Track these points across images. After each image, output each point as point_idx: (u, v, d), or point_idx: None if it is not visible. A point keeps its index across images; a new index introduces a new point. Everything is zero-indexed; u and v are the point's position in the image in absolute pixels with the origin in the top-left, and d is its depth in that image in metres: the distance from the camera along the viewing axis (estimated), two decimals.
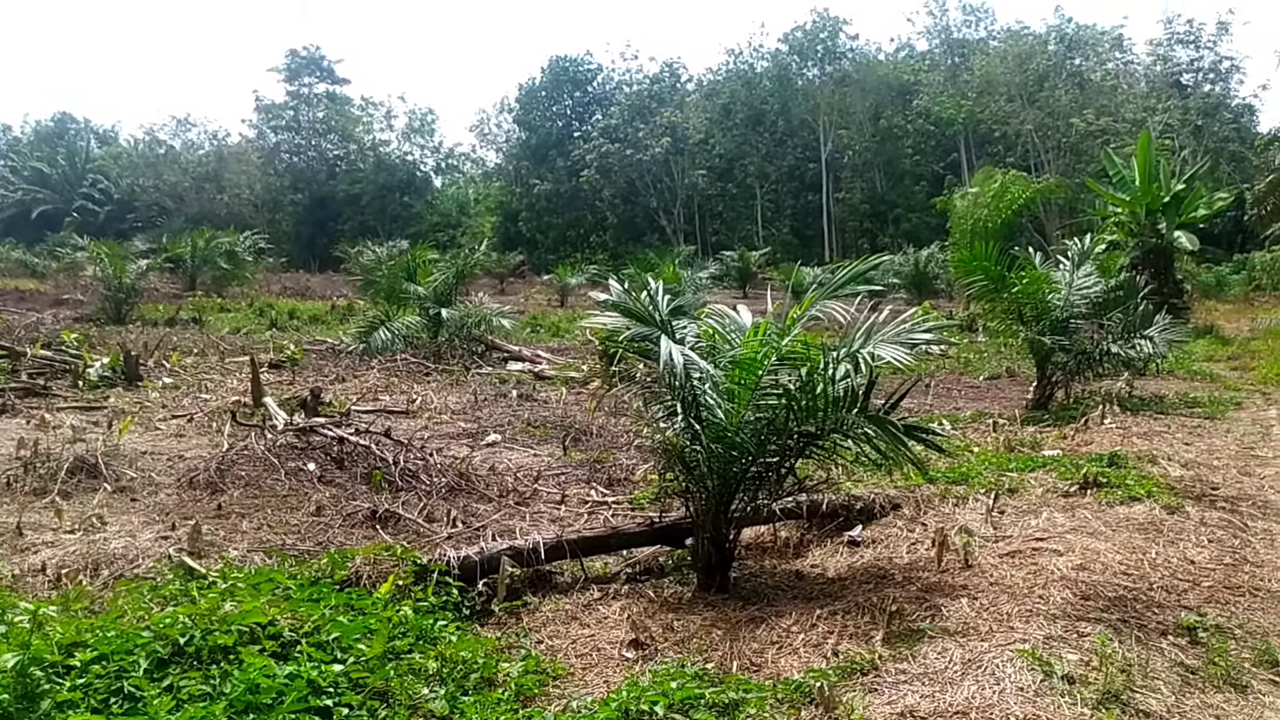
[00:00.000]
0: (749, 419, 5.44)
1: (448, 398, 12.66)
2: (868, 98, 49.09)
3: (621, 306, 5.61)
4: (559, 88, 58.03)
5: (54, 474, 7.78)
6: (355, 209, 58.40)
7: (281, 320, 23.60)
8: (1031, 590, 4.94)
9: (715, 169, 52.04)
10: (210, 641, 3.74)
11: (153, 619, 3.90)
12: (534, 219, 55.54)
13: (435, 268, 18.86)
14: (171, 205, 61.62)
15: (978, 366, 16.46)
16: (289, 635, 3.99)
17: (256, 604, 4.14)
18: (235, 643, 3.78)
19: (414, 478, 7.92)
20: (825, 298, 5.59)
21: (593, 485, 8.19)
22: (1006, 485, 7.37)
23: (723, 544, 5.67)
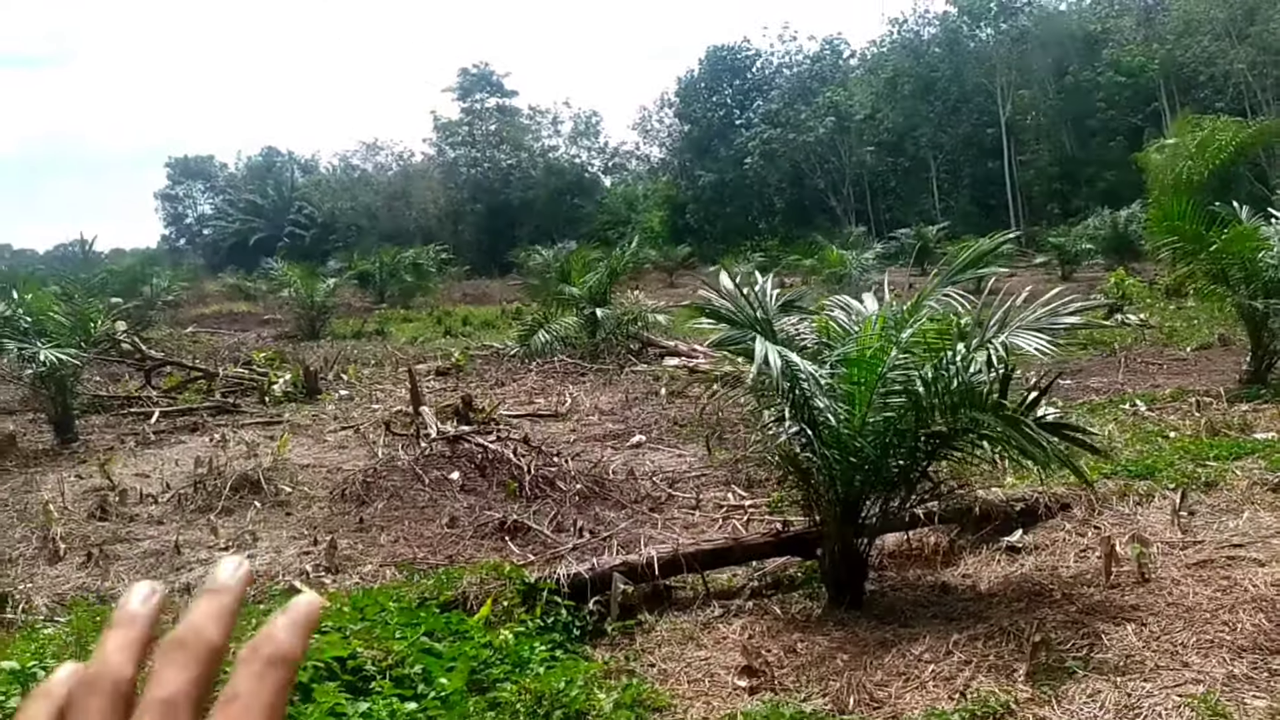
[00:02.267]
0: (870, 420, 4.90)
1: (599, 398, 12.54)
2: (1049, 53, 45.63)
3: (708, 309, 5.18)
4: (718, 78, 57.42)
5: (219, 491, 8.13)
6: (530, 214, 60.02)
7: (456, 327, 24.35)
8: (1216, 614, 4.17)
9: (884, 144, 49.97)
10: None
11: None
12: (700, 210, 55.23)
13: (593, 268, 18.85)
14: (366, 224, 65.31)
15: (1184, 336, 14.80)
16: (370, 669, 3.84)
17: (335, 638, 4.02)
18: (310, 679, 3.65)
19: (549, 485, 7.77)
20: (948, 283, 4.96)
21: (731, 488, 7.78)
22: (1202, 478, 6.43)
23: (853, 555, 5.15)
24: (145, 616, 0.47)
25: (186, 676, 0.43)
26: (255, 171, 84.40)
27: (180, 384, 14.65)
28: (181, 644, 0.44)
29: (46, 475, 9.29)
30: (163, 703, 0.42)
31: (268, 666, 0.43)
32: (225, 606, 0.46)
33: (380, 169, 71.69)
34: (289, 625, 0.45)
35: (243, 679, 0.43)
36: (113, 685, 0.44)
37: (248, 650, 0.44)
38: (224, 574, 0.47)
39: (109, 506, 7.88)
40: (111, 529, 7.41)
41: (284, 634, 0.44)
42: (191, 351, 19.02)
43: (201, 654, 0.44)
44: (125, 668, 0.45)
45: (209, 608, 0.45)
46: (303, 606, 0.46)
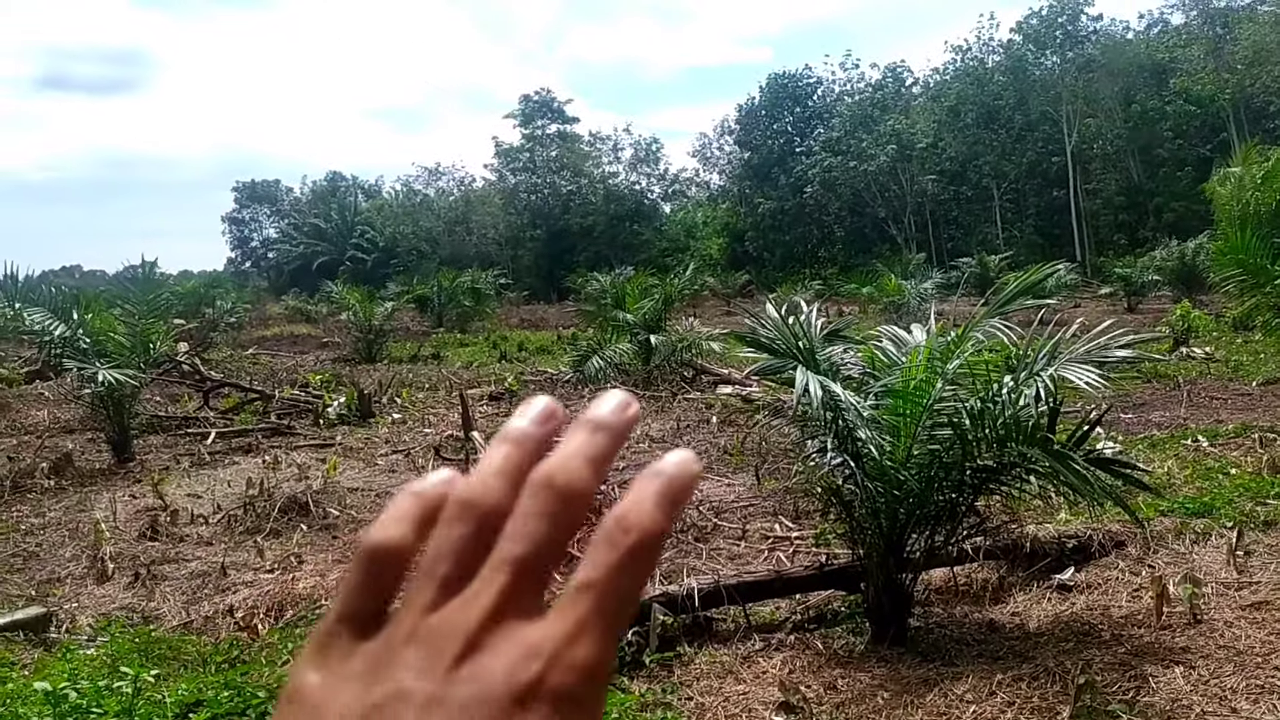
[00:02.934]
0: (915, 453, 4.84)
1: (650, 425, 12.54)
2: (1116, 81, 44.91)
3: (749, 337, 5.17)
4: (778, 105, 57.51)
5: (268, 513, 8.27)
6: (589, 240, 60.41)
7: (511, 352, 24.56)
8: (1269, 658, 4.03)
9: (946, 172, 49.49)
10: None
11: (271, 677, 3.90)
12: (759, 237, 55.19)
13: (649, 294, 18.92)
14: (427, 249, 66.32)
15: (1251, 370, 14.35)
16: None
17: None
18: None
19: (594, 513, 7.75)
20: (995, 314, 4.89)
21: (779, 519, 7.72)
22: (1262, 517, 6.23)
23: (897, 590, 5.07)
24: (540, 439, 0.41)
25: (549, 533, 0.38)
26: (320, 196, 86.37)
27: (237, 405, 14.97)
28: (549, 484, 0.38)
29: (101, 494, 9.47)
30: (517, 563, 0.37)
31: (632, 554, 0.37)
32: (602, 452, 0.40)
33: (442, 194, 72.91)
34: (661, 497, 0.38)
35: (600, 564, 0.37)
36: (483, 516, 0.39)
37: (612, 525, 0.38)
38: (607, 409, 0.41)
39: (160, 526, 7.99)
40: (161, 549, 7.53)
41: (655, 509, 0.38)
42: (250, 373, 19.44)
43: (572, 504, 0.39)
44: (504, 499, 0.39)
45: (587, 447, 0.39)
46: (677, 470, 0.39)
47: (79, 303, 11.88)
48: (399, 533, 0.40)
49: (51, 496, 9.56)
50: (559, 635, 0.36)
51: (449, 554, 0.38)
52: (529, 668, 0.35)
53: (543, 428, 0.41)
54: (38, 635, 5.60)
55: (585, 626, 0.36)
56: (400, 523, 0.41)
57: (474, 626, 0.36)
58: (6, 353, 18.20)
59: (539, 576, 0.38)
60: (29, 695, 3.72)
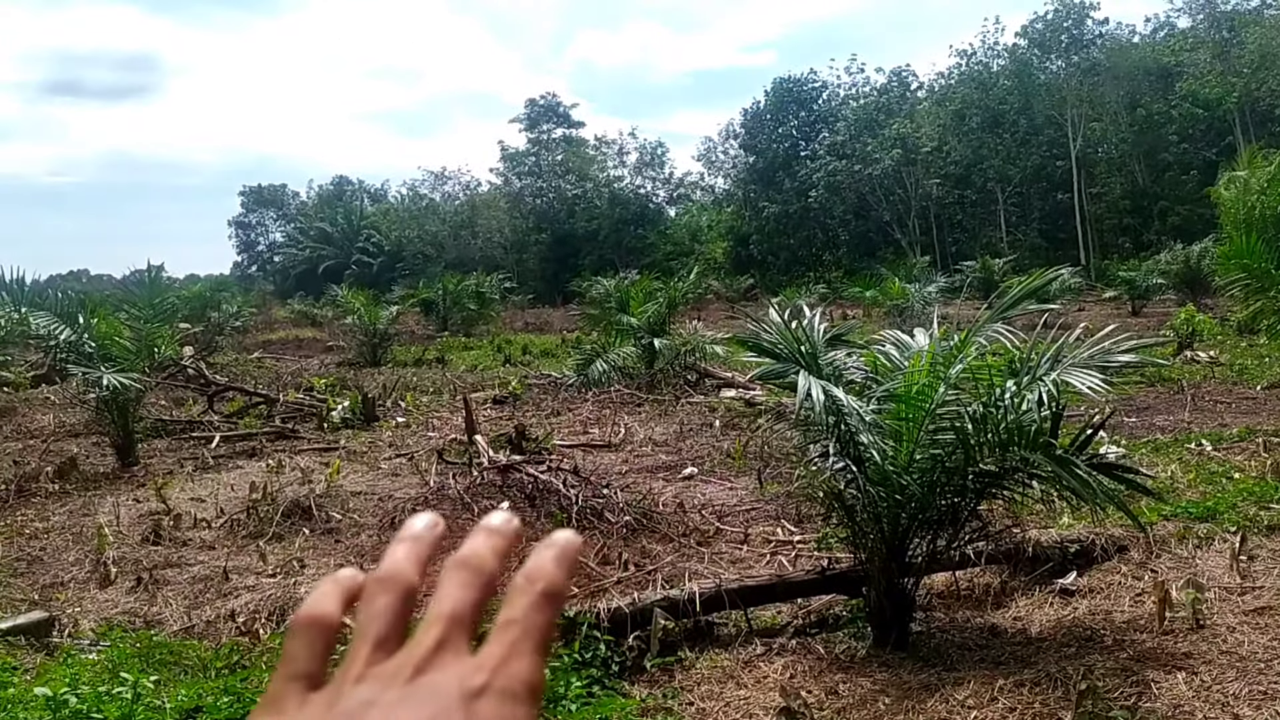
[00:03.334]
0: (917, 458, 4.84)
1: (653, 429, 12.54)
2: (1121, 86, 44.81)
3: (751, 342, 5.17)
4: (783, 109, 57.46)
5: (271, 517, 8.27)
6: (593, 244, 60.49)
7: (515, 355, 24.57)
8: (1271, 664, 4.02)
9: (951, 176, 49.42)
10: None
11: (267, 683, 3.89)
12: (764, 241, 55.17)
13: (653, 298, 18.91)
14: (433, 253, 66.35)
15: (1255, 374, 14.31)
16: None
17: None
18: None
19: (597, 516, 7.78)
20: (998, 318, 4.89)
21: (781, 522, 7.71)
22: (1265, 522, 6.21)
23: (898, 595, 5.07)
24: (430, 538, 0.50)
25: (469, 596, 0.46)
26: (326, 200, 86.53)
27: (241, 409, 14.99)
28: (465, 565, 0.47)
29: (104, 499, 9.46)
30: (447, 617, 0.45)
31: (542, 598, 0.46)
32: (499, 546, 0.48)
33: (447, 198, 72.96)
34: (557, 559, 0.47)
35: (519, 607, 0.45)
36: (402, 587, 0.47)
37: (522, 580, 0.46)
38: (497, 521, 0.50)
39: (163, 531, 7.98)
40: (163, 553, 7.51)
41: (554, 567, 0.47)
42: (255, 377, 19.46)
43: (483, 578, 0.47)
44: (413, 575, 0.48)
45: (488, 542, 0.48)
46: (565, 542, 0.49)
47: (85, 307, 11.88)
48: (327, 606, 0.48)
49: (55, 500, 9.56)
50: (496, 655, 0.44)
51: (378, 616, 0.47)
52: (476, 677, 0.43)
53: (432, 531, 0.51)
54: (40, 640, 5.59)
55: (516, 649, 0.44)
56: (326, 598, 0.49)
57: (420, 660, 0.44)
58: (12, 357, 18.25)
59: (467, 628, 0.46)
60: (29, 700, 3.72)
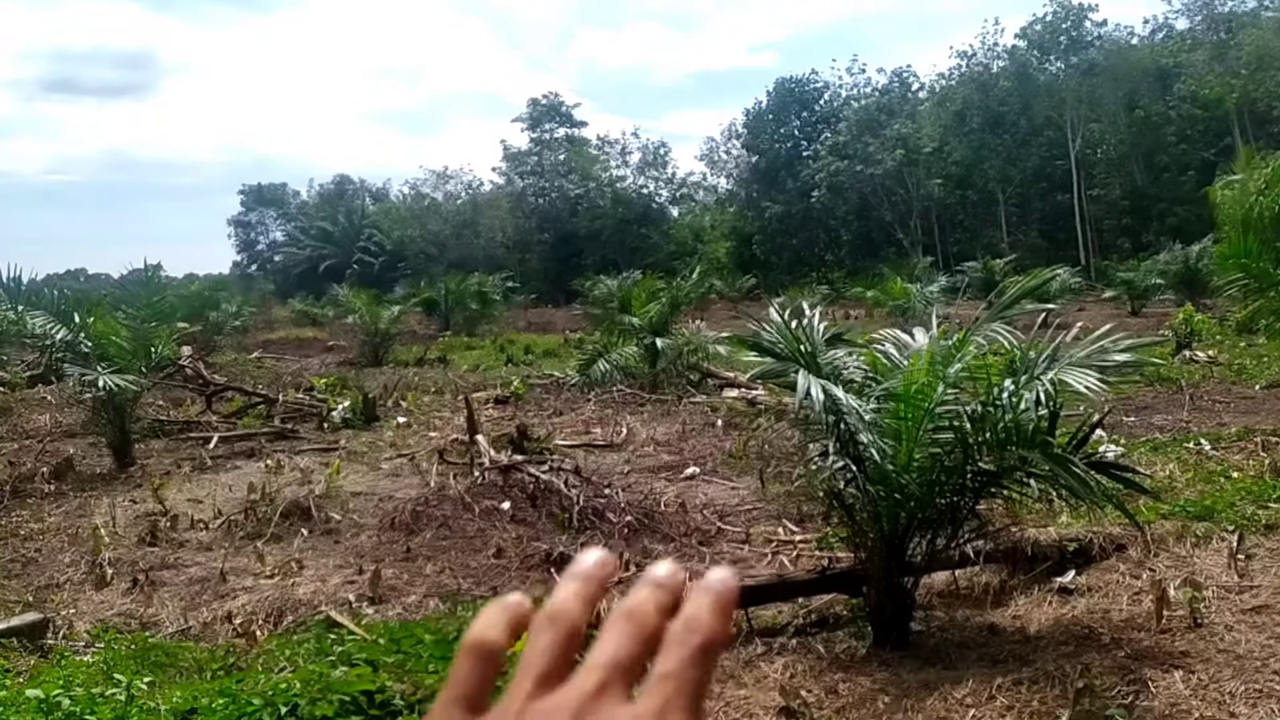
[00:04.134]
0: (916, 457, 4.87)
1: (656, 429, 12.56)
2: (1120, 87, 44.80)
3: (751, 341, 5.20)
4: (785, 109, 57.52)
5: (269, 518, 8.26)
6: (596, 244, 60.47)
7: (518, 355, 24.58)
8: (1268, 662, 4.04)
9: (952, 177, 49.48)
10: (316, 711, 3.69)
11: (268, 685, 3.92)
12: (767, 241, 55.24)
13: (655, 298, 18.92)
14: (435, 252, 66.29)
15: (1254, 373, 14.32)
16: (398, 703, 3.89)
17: (365, 670, 4.08)
18: (335, 713, 3.70)
19: (598, 516, 7.81)
20: (995, 318, 4.92)
21: (782, 522, 7.73)
22: (1263, 521, 6.24)
23: (898, 594, 5.10)
24: (599, 577, 0.51)
25: (631, 647, 0.46)
26: (327, 199, 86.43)
27: (240, 409, 14.97)
28: (630, 617, 0.47)
29: (101, 499, 9.40)
30: (609, 665, 0.46)
31: (700, 651, 0.46)
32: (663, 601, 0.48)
33: (450, 198, 72.91)
34: (715, 608, 0.47)
35: (675, 659, 0.46)
36: (569, 626, 0.48)
37: (680, 631, 0.46)
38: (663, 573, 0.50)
39: (160, 532, 7.92)
40: (160, 555, 7.46)
41: (711, 618, 0.47)
42: (255, 377, 19.46)
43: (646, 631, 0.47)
44: (580, 615, 0.49)
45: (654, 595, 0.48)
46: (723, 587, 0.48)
47: (82, 306, 11.86)
48: (493, 634, 0.50)
49: (52, 501, 9.54)
50: (653, 709, 0.45)
51: (543, 653, 0.47)
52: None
53: (602, 570, 0.51)
54: (34, 642, 5.54)
55: (671, 704, 0.45)
56: (493, 626, 0.50)
57: (579, 704, 0.45)
58: (9, 356, 18.30)
59: (627, 678, 0.46)
60: (22, 703, 3.73)
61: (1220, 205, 21.54)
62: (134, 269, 14.73)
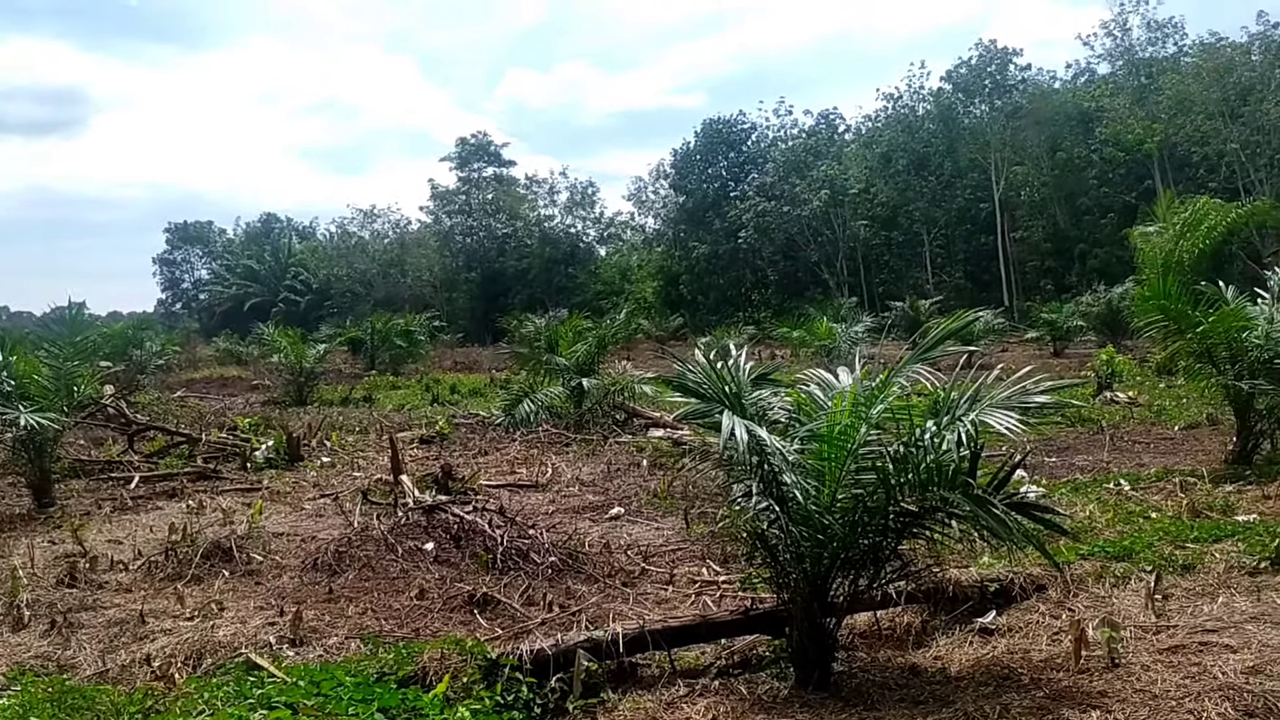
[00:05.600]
0: (839, 497, 4.85)
1: (581, 469, 12.47)
2: (1043, 130, 46.29)
3: (676, 382, 5.16)
4: (713, 150, 58.36)
5: (190, 559, 7.98)
6: (523, 283, 60.61)
7: (443, 395, 24.28)
8: (1183, 702, 4.07)
9: (878, 218, 50.63)
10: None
11: None
12: (694, 281, 55.77)
13: (582, 338, 18.91)
14: (362, 291, 65.75)
15: (1173, 414, 14.74)
16: None
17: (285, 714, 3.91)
18: None
19: (522, 557, 7.65)
20: (917, 359, 4.96)
21: (707, 562, 7.67)
22: (1180, 561, 6.35)
23: (820, 635, 5.05)
24: None
25: None
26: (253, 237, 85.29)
27: (163, 449, 14.55)
28: None
29: (19, 540, 9.12)
30: None
31: None
32: None
33: (377, 236, 72.40)
34: None
35: None
36: None
37: None
38: None
39: (79, 573, 7.71)
40: (79, 596, 7.25)
41: None
42: (177, 416, 18.90)
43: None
44: None
45: None
46: None
47: (4, 344, 11.57)
48: None
49: None
50: None
51: None
52: None
53: None
54: None
55: None
56: None
57: None
58: None
59: None
60: None
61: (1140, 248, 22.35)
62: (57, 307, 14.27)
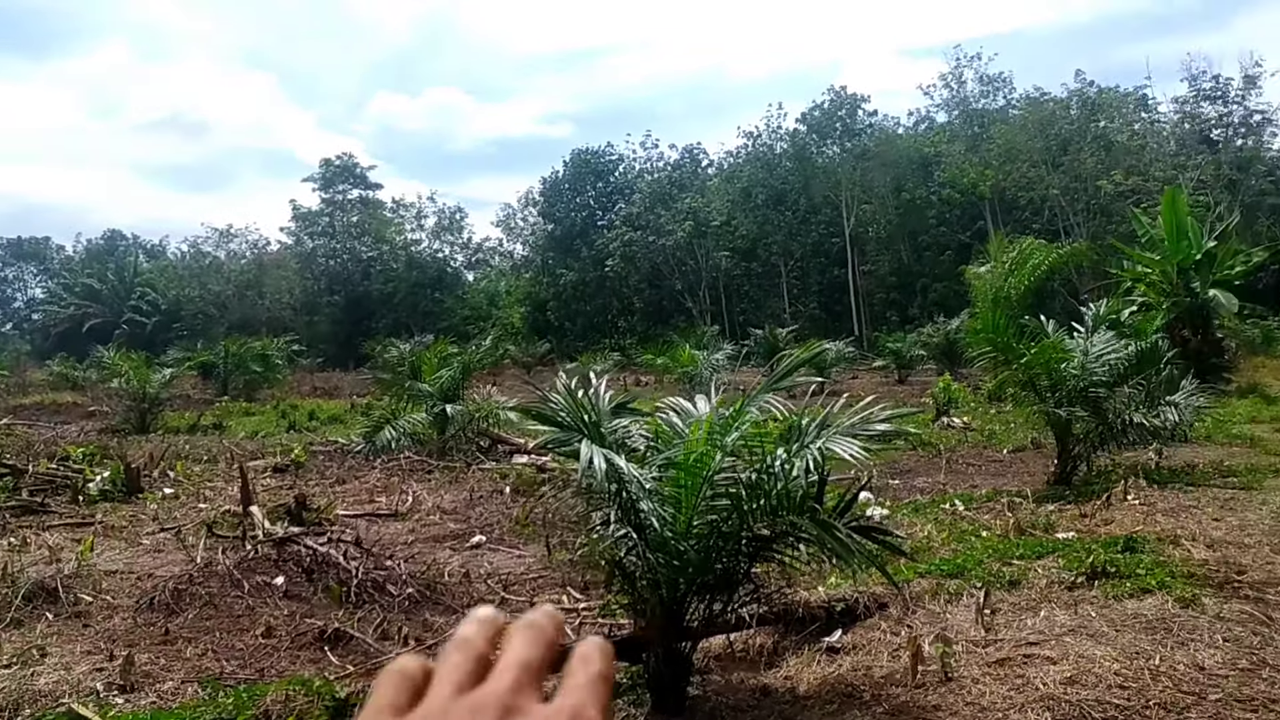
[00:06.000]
0: (695, 524, 4.99)
1: (443, 497, 12.30)
2: (889, 172, 48.94)
3: (534, 411, 5.23)
4: (581, 179, 59.01)
5: (10, 601, 7.46)
6: (389, 307, 59.48)
7: (301, 422, 23.52)
8: (1008, 713, 4.37)
9: (739, 249, 52.14)
10: None
11: None
12: (561, 308, 56.00)
13: (447, 363, 18.70)
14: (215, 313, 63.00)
15: (1002, 439, 15.70)
16: None
17: None
18: None
19: (378, 590, 7.51)
20: (769, 390, 5.17)
21: (567, 590, 7.71)
22: (1007, 577, 6.77)
23: (676, 659, 5.16)
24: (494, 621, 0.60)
25: (537, 652, 0.56)
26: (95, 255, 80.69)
27: None
28: (531, 625, 0.58)
29: None
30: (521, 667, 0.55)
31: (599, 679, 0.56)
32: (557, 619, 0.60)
33: (234, 256, 69.53)
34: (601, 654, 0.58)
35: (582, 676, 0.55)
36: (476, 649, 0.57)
37: (579, 660, 0.57)
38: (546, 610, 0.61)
39: None
40: None
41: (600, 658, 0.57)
42: (2, 445, 17.64)
43: (546, 639, 0.57)
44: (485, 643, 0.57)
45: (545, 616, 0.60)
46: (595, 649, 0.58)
47: None
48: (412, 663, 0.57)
49: None
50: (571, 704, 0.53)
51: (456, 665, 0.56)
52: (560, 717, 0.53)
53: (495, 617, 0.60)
54: None
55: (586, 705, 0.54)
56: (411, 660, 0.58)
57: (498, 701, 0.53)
58: None
59: (536, 676, 0.55)
60: None
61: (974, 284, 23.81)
62: None
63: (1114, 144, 42.78)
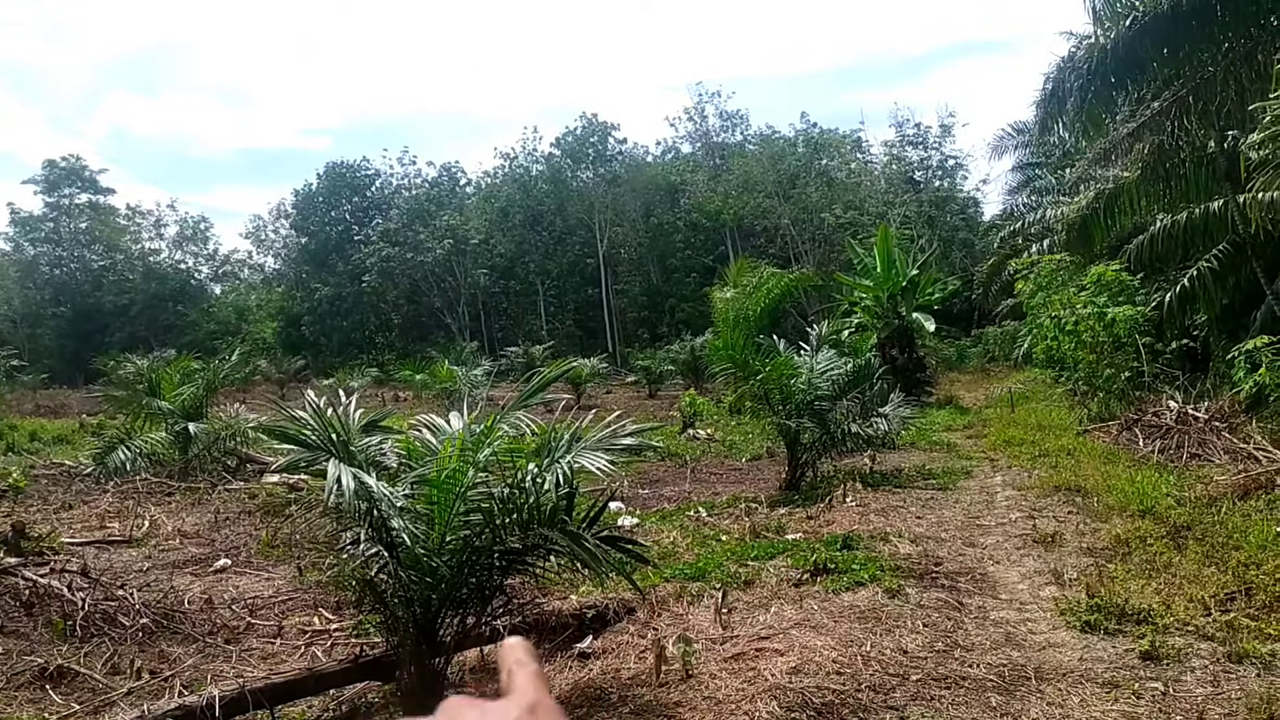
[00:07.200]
0: (448, 540, 5.12)
1: (185, 520, 11.63)
2: (639, 197, 51.02)
3: (278, 429, 5.20)
4: (336, 193, 57.23)
5: None
6: (124, 320, 55.06)
7: (21, 443, 21.27)
8: (740, 705, 4.79)
9: (497, 268, 52.38)
10: None
11: None
12: (317, 323, 53.91)
13: (190, 379, 17.57)
14: None
15: (741, 448, 16.74)
16: None
17: None
18: None
19: (109, 621, 7.05)
20: (521, 405, 5.40)
21: (319, 611, 7.56)
22: (743, 577, 7.33)
23: (430, 675, 5.25)
24: None
25: None
26: None
27: None
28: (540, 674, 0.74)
29: None
30: None
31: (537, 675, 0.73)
32: None
33: None
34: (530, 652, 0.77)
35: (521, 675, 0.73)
36: None
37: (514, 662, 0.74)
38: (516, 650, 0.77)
39: None
40: None
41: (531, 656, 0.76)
42: None
43: None
44: None
45: None
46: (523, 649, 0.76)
47: None
48: None
49: None
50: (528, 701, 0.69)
51: None
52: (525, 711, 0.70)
53: None
54: None
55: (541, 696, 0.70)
56: None
57: None
58: None
59: None
60: None
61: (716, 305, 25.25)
62: None
63: (835, 180, 47.04)
